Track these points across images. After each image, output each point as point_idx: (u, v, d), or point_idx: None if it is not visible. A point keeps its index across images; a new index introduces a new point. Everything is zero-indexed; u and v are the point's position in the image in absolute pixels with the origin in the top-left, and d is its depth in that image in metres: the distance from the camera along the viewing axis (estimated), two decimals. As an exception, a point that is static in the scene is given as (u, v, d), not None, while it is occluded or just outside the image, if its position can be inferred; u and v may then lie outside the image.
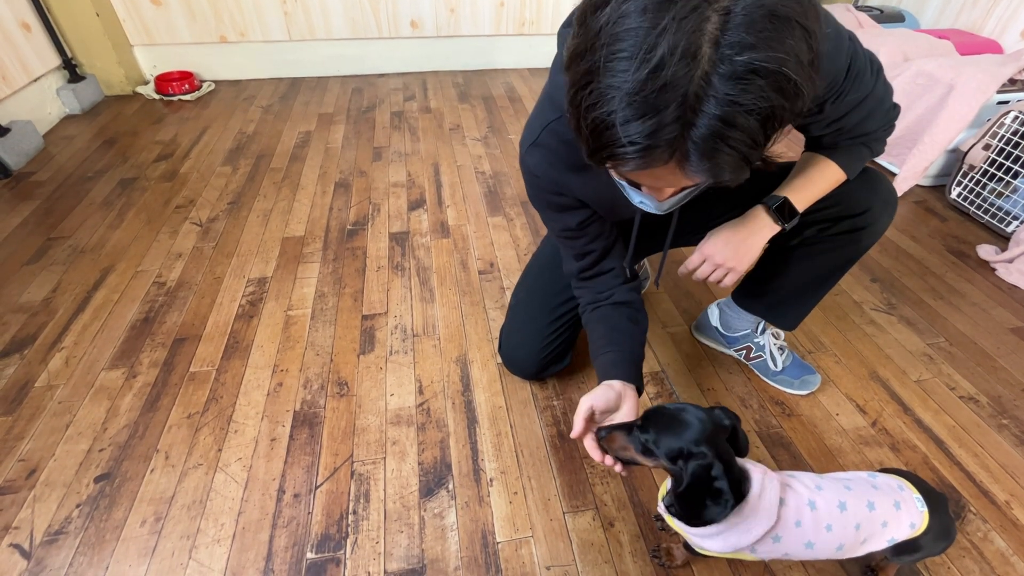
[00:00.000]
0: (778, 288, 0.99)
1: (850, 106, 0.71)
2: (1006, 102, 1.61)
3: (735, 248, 0.80)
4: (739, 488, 0.60)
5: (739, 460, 0.64)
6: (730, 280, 0.82)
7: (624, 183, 0.60)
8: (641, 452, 0.64)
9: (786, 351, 1.11)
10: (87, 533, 0.85)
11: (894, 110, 0.78)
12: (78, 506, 0.88)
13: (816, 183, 0.79)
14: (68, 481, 0.92)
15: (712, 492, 0.58)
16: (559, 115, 0.70)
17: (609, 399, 0.73)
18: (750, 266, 0.79)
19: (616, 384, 0.75)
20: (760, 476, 0.65)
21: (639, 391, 0.77)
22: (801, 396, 1.09)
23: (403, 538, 0.85)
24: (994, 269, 1.44)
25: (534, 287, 1.03)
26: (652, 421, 0.63)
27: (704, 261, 0.83)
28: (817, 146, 0.81)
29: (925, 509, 0.68)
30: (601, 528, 0.87)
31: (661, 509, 0.70)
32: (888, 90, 0.75)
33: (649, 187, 0.58)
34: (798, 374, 1.09)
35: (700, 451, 0.58)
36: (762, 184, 0.81)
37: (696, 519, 0.60)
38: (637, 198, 0.62)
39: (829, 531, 0.65)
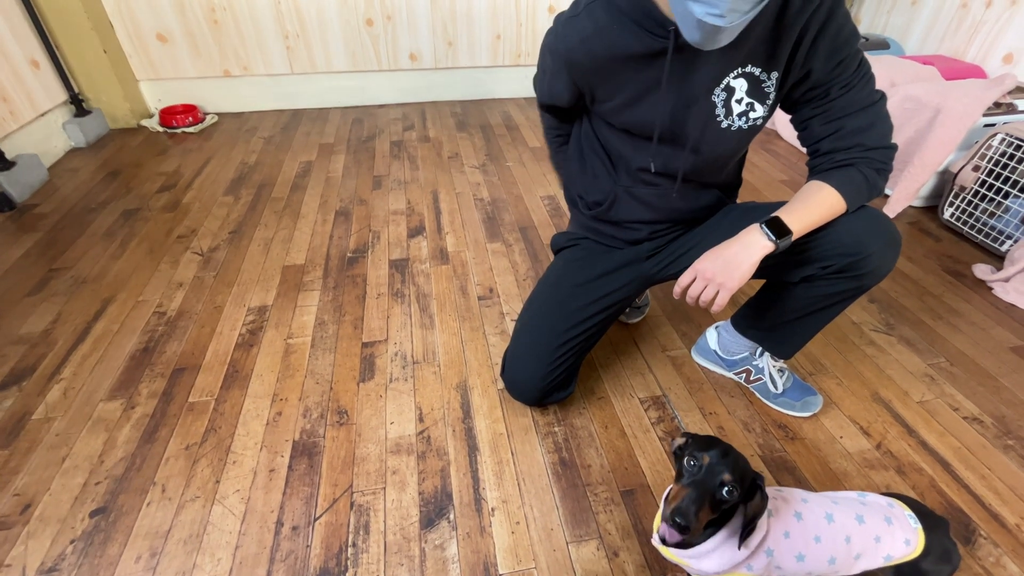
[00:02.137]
0: (776, 316, 0.99)
1: (854, 106, 0.77)
2: (992, 125, 1.65)
3: (725, 262, 0.80)
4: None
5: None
6: (721, 299, 0.80)
7: None
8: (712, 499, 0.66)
9: (786, 373, 1.11)
10: (80, 570, 0.83)
11: (892, 142, 0.80)
12: (72, 542, 0.87)
13: (812, 208, 0.80)
14: (63, 516, 0.90)
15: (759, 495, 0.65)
16: None
17: None
18: (740, 284, 0.79)
19: None
20: None
21: None
22: (804, 419, 1.09)
23: (403, 571, 0.84)
24: (991, 288, 1.45)
25: (540, 310, 1.03)
26: (715, 452, 0.64)
27: (695, 278, 0.84)
28: (815, 156, 0.84)
29: (919, 526, 0.69)
30: (606, 558, 0.86)
31: (656, 542, 0.70)
32: (890, 123, 0.80)
33: None
34: (799, 396, 1.08)
35: (756, 473, 0.65)
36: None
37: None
38: (701, 9, 0.60)
39: (818, 542, 0.66)
